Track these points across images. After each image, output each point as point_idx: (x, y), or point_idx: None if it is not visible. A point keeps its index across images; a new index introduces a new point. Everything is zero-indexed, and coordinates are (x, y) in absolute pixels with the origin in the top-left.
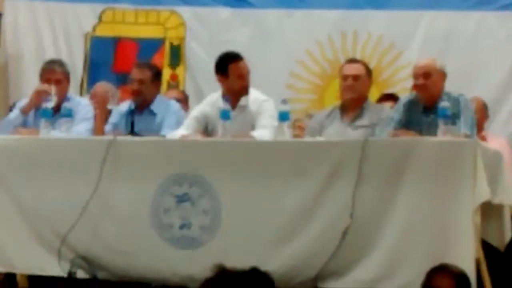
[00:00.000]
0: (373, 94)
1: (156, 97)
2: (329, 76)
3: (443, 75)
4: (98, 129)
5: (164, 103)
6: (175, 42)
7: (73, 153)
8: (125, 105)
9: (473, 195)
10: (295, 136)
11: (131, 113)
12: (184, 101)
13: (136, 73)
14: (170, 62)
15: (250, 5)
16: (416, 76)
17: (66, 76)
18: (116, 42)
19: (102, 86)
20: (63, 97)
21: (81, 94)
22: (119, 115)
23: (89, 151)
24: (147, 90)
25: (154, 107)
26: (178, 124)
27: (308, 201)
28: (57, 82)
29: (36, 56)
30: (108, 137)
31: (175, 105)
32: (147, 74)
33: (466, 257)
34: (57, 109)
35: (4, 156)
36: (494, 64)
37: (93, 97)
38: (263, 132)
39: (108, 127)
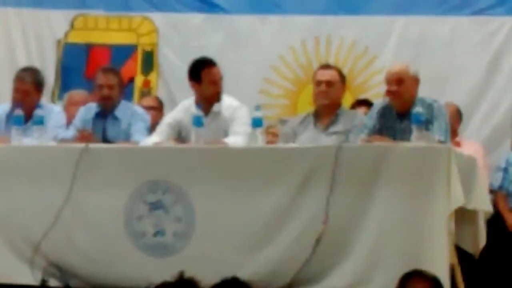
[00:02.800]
0: (347, 99)
1: (120, 103)
2: (302, 81)
3: (416, 80)
4: None
5: (129, 109)
6: (148, 49)
7: (46, 161)
8: (89, 109)
9: (448, 200)
10: (269, 142)
11: (99, 118)
12: (159, 108)
13: (104, 79)
14: (143, 69)
15: (223, 11)
16: (388, 82)
17: (36, 86)
18: (89, 48)
19: (81, 93)
20: (32, 107)
21: (53, 100)
22: (83, 119)
23: (61, 159)
24: (115, 95)
25: (118, 112)
26: (148, 129)
27: (281, 208)
28: (25, 93)
29: (7, 63)
30: (80, 145)
31: (140, 110)
32: (114, 80)
33: (440, 263)
34: (28, 116)
35: None
36: (468, 68)
37: (74, 104)
38: (236, 138)
39: (71, 130)
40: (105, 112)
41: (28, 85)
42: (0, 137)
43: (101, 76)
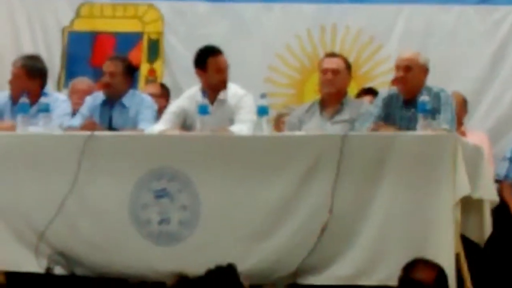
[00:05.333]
0: (352, 88)
1: (128, 91)
2: (308, 70)
3: (424, 70)
4: None
5: (137, 97)
6: (153, 37)
7: (51, 149)
8: (96, 97)
9: (453, 189)
10: (280, 131)
11: (105, 106)
12: (162, 95)
13: (107, 66)
14: (148, 57)
15: None
16: (397, 68)
17: (27, 71)
18: (94, 36)
19: (84, 81)
20: (19, 91)
21: (58, 88)
22: (90, 107)
23: (66, 147)
24: (118, 83)
25: (126, 100)
26: (154, 117)
27: (287, 196)
28: (14, 77)
29: (13, 51)
30: (85, 132)
31: (148, 99)
32: (118, 67)
33: (446, 252)
34: (16, 101)
35: None
36: (473, 58)
37: (76, 92)
38: (242, 126)
39: (78, 118)
40: (112, 100)
41: (17, 69)
42: (6, 123)
43: (106, 63)
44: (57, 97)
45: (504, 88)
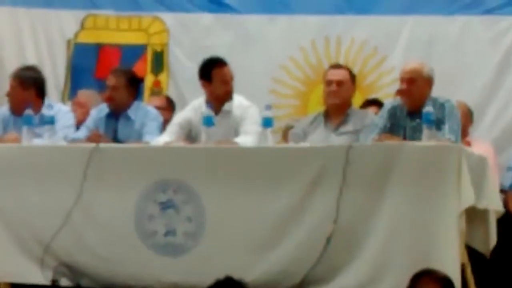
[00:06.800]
0: (357, 99)
1: (133, 103)
2: (312, 81)
3: (429, 81)
4: None
5: (142, 109)
6: (158, 48)
7: (56, 161)
8: (101, 110)
9: (458, 200)
10: (288, 142)
11: (110, 118)
12: (167, 108)
13: (110, 79)
14: (153, 69)
15: (233, 11)
16: (401, 80)
17: (21, 82)
18: (99, 48)
19: (83, 94)
20: (15, 102)
21: (63, 100)
22: (95, 119)
23: (72, 159)
24: (121, 96)
25: (131, 112)
26: (160, 130)
27: (292, 207)
28: (10, 88)
29: (17, 63)
30: (91, 144)
31: (154, 111)
32: (121, 81)
33: (451, 262)
34: (16, 112)
35: None
36: (478, 68)
37: (77, 104)
38: (247, 138)
39: (83, 131)
40: (117, 112)
41: (12, 80)
42: (11, 135)
43: (109, 77)
44: (59, 108)
45: (509, 98)
